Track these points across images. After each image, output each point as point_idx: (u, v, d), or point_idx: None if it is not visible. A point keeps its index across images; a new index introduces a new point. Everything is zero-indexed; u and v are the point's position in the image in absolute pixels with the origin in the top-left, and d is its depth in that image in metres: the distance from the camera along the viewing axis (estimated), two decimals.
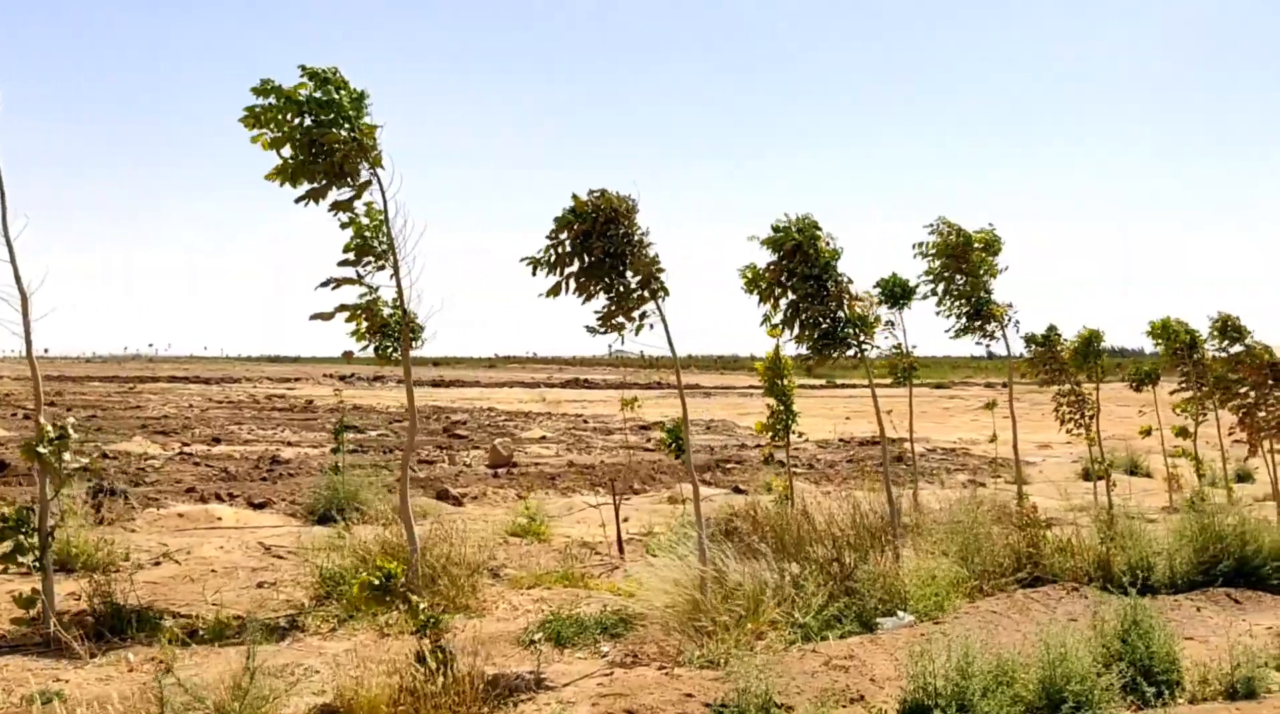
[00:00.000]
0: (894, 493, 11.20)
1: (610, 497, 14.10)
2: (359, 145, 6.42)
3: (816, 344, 7.55)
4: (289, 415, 28.81)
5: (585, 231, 6.10)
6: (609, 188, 6.21)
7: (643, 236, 6.25)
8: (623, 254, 6.11)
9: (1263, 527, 8.58)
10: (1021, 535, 8.48)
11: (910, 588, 6.87)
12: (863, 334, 7.53)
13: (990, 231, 10.92)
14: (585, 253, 6.09)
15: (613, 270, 6.12)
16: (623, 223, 6.14)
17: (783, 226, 7.47)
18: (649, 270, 6.09)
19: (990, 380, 67.37)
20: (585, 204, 6.10)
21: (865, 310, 7.57)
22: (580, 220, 6.11)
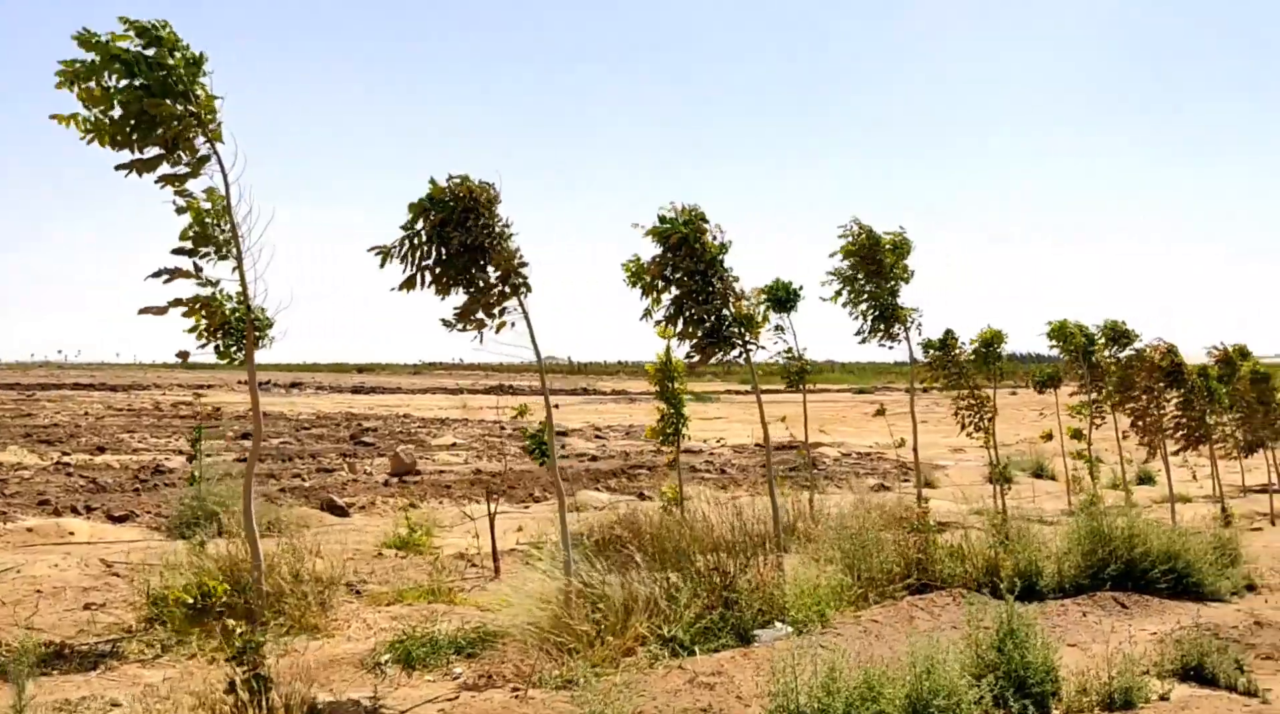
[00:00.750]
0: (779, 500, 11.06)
1: (513, 505, 13.66)
2: (196, 119, 5.87)
3: (700, 343, 7.24)
4: (191, 423, 27.52)
5: (443, 221, 5.67)
6: (470, 175, 5.80)
7: (505, 228, 5.84)
8: (483, 247, 5.70)
9: (1151, 530, 8.56)
10: (911, 541, 8.31)
11: (791, 598, 6.59)
12: (748, 333, 7.24)
13: (900, 233, 10.79)
14: (442, 244, 5.65)
15: (472, 264, 5.70)
16: (483, 213, 5.73)
17: (669, 217, 7.15)
18: (510, 264, 5.69)
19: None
20: (443, 191, 5.68)
21: (751, 309, 7.29)
22: (437, 208, 5.67)
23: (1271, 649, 6.77)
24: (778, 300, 10.41)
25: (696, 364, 7.35)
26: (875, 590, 7.51)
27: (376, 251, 5.65)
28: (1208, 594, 8.47)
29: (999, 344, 10.79)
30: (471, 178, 5.80)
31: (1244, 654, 6.63)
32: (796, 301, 10.49)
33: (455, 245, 5.63)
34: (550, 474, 5.84)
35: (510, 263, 5.68)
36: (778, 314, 10.48)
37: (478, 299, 5.70)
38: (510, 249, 5.74)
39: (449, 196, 5.70)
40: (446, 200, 5.68)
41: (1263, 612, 8.07)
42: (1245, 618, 7.76)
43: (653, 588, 5.95)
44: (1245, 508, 15.25)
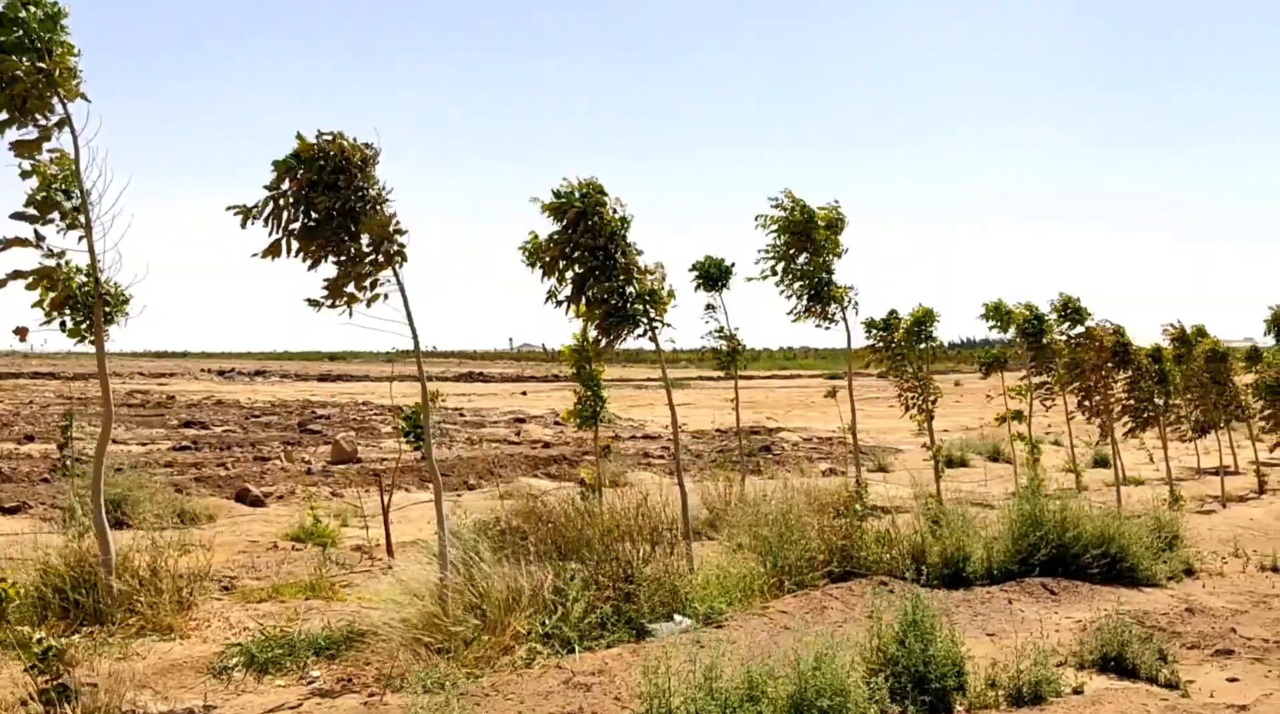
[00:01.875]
0: (715, 487, 10.68)
1: (444, 493, 13.20)
2: (48, 78, 5.36)
3: (604, 323, 6.82)
4: (137, 412, 26.84)
5: (311, 181, 5.20)
6: (346, 132, 5.31)
7: (381, 192, 5.38)
8: (354, 211, 5.24)
9: (1084, 514, 8.25)
10: (836, 527, 7.97)
11: (694, 589, 6.21)
12: (653, 311, 6.83)
13: (835, 208, 10.41)
14: (309, 207, 5.19)
15: (342, 230, 5.24)
16: (357, 174, 5.26)
17: (565, 191, 6.71)
18: (385, 232, 5.23)
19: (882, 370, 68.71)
20: (311, 148, 5.20)
21: (656, 284, 6.88)
22: (305, 167, 5.20)
23: (1199, 638, 6.47)
24: (708, 278, 10.02)
25: (603, 347, 6.93)
26: (792, 579, 7.16)
27: (235, 211, 5.15)
28: (1143, 580, 8.19)
29: (930, 324, 10.44)
30: (347, 135, 5.33)
31: (1169, 643, 6.33)
32: (728, 279, 10.09)
33: (323, 209, 5.16)
34: (425, 460, 5.43)
35: (385, 230, 5.22)
36: (709, 292, 10.08)
37: (349, 270, 5.24)
38: (386, 215, 5.28)
39: (318, 154, 5.23)
40: (315, 159, 5.21)
41: (1198, 597, 7.80)
42: (1178, 604, 7.48)
43: (539, 581, 5.55)
44: (1198, 490, 15.09)
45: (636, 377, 66.66)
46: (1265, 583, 8.48)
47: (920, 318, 10.34)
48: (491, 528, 6.98)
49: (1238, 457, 18.08)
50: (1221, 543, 10.29)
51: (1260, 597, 7.93)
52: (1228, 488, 15.62)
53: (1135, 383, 12.88)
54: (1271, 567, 9.03)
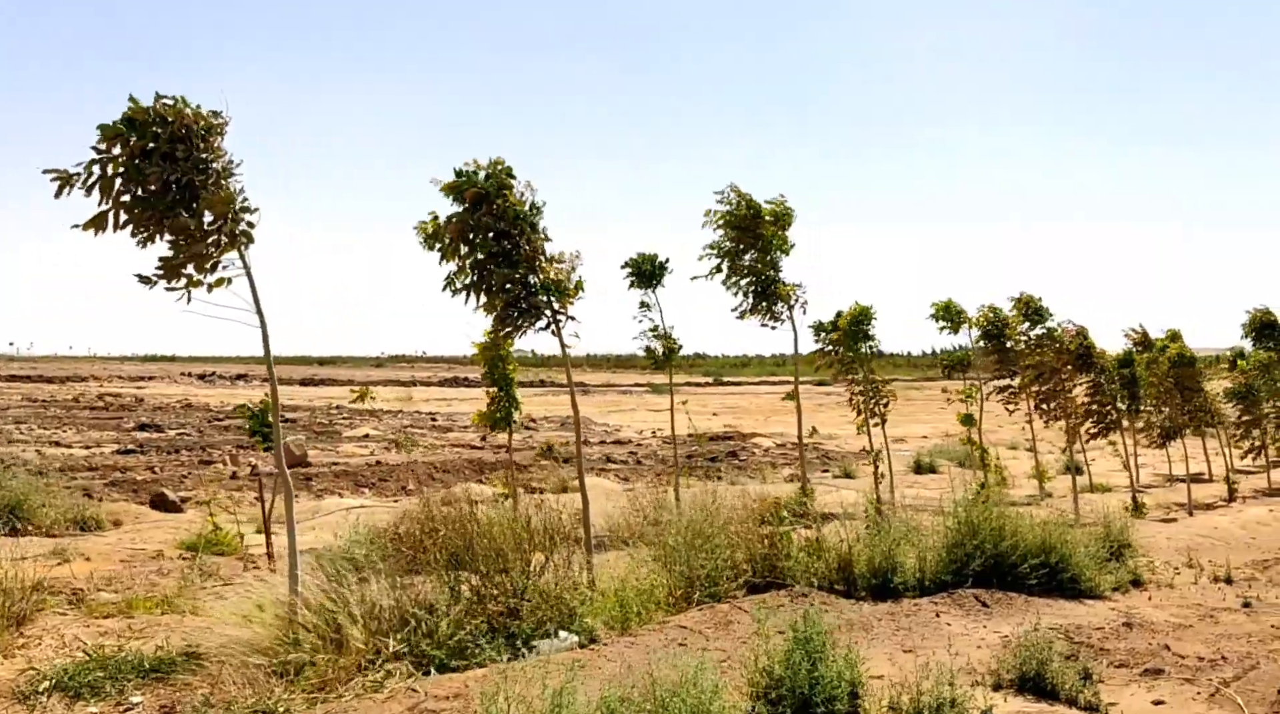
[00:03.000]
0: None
1: (381, 498, 12.75)
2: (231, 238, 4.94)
3: (504, 313, 6.39)
4: (97, 415, 26.34)
5: (144, 149, 4.75)
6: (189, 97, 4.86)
7: (228, 165, 4.94)
8: (193, 185, 4.79)
9: (1023, 522, 7.82)
10: (761, 534, 7.53)
11: (587, 602, 5.77)
12: (557, 302, 6.40)
13: (782, 202, 10.06)
14: (142, 178, 4.74)
15: (179, 204, 4.79)
16: (198, 145, 4.82)
17: (467, 171, 6.29)
18: (227, 209, 4.79)
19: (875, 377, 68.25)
20: (146, 112, 4.75)
21: (563, 275, 6.44)
22: (138, 133, 4.75)
23: (1130, 655, 6.04)
24: (641, 274, 9.61)
25: (503, 338, 6.50)
26: (705, 590, 6.71)
27: (53, 176, 4.68)
28: (1086, 591, 7.76)
29: (867, 323, 10.02)
30: (188, 99, 4.88)
31: (1096, 661, 5.90)
32: (663, 275, 9.69)
33: (156, 180, 4.71)
34: (276, 462, 4.99)
35: (227, 207, 4.78)
36: (643, 290, 9.66)
37: (185, 248, 4.79)
38: (230, 191, 4.84)
39: (154, 120, 4.77)
40: (150, 124, 4.76)
41: (1140, 610, 7.37)
42: (1117, 617, 7.05)
43: (406, 596, 5.10)
44: (1167, 498, 14.68)
45: (623, 382, 66.33)
46: (1215, 595, 8.05)
47: (857, 316, 9.93)
48: (380, 538, 6.53)
49: (1214, 464, 17.67)
50: (1178, 552, 9.88)
51: (1207, 610, 7.50)
52: (1199, 496, 15.22)
53: (1098, 386, 12.47)
54: (1225, 578, 8.60)
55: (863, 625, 6.49)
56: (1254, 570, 9.11)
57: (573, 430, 26.67)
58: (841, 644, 5.22)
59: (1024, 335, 11.71)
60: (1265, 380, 16.30)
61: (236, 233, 4.83)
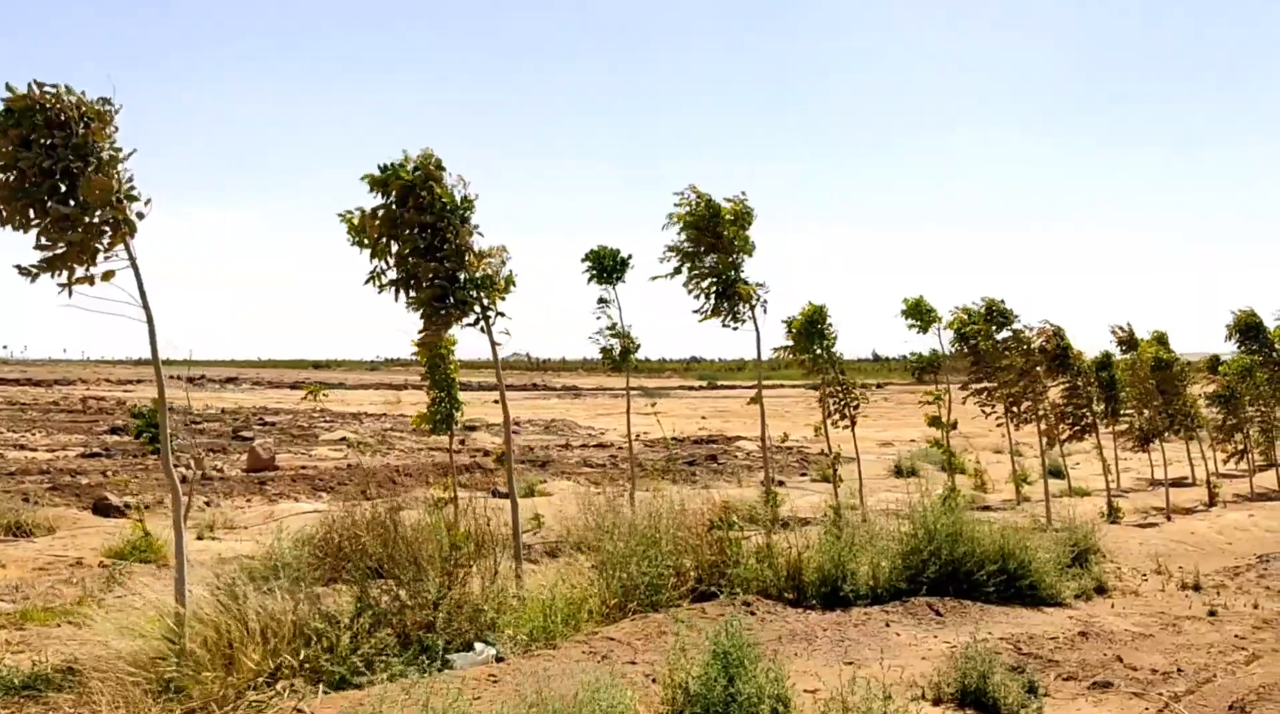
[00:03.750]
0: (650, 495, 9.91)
1: (340, 501, 12.45)
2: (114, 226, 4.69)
3: (430, 308, 6.14)
4: (75, 418, 26.04)
5: (23, 138, 4.50)
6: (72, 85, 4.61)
7: (113, 154, 4.67)
8: (72, 173, 4.53)
9: (980, 528, 7.56)
10: (709, 542, 7.27)
11: (511, 613, 5.50)
12: (486, 297, 6.14)
13: (742, 201, 9.81)
14: (17, 165, 4.48)
15: (57, 192, 4.53)
16: (78, 132, 4.56)
17: (393, 164, 6.05)
18: (107, 198, 4.52)
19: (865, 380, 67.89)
20: (24, 100, 4.49)
21: (493, 269, 6.19)
22: (16, 122, 4.49)
23: (1080, 667, 5.78)
24: (602, 268, 9.34)
25: (428, 335, 6.24)
26: (644, 600, 6.44)
27: None
28: (1046, 599, 7.51)
29: (823, 322, 9.76)
30: (72, 88, 4.63)
31: (1044, 673, 5.65)
32: (624, 271, 9.42)
33: (31, 168, 4.46)
34: (163, 466, 4.72)
35: (108, 196, 4.51)
36: (602, 285, 9.39)
37: (60, 237, 4.52)
38: (111, 180, 4.57)
39: (33, 107, 4.52)
40: (29, 112, 4.50)
41: (1100, 619, 7.11)
42: (1074, 626, 6.80)
43: (304, 608, 4.83)
44: (1147, 502, 14.42)
45: (616, 386, 66.05)
46: (1181, 603, 7.80)
47: (811, 316, 9.67)
48: (304, 546, 6.26)
49: (1199, 468, 17.39)
50: (1149, 558, 9.63)
51: (1171, 619, 7.25)
52: (1181, 500, 14.96)
53: (1074, 388, 12.22)
54: (1193, 585, 8.35)
55: (806, 636, 6.23)
56: (1224, 577, 8.86)
57: (555, 433, 26.17)
58: (777, 656, 4.96)
59: (990, 338, 11.44)
60: (1247, 384, 16.04)
61: (119, 223, 4.56)
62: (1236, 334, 18.15)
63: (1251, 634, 6.81)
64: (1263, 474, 17.05)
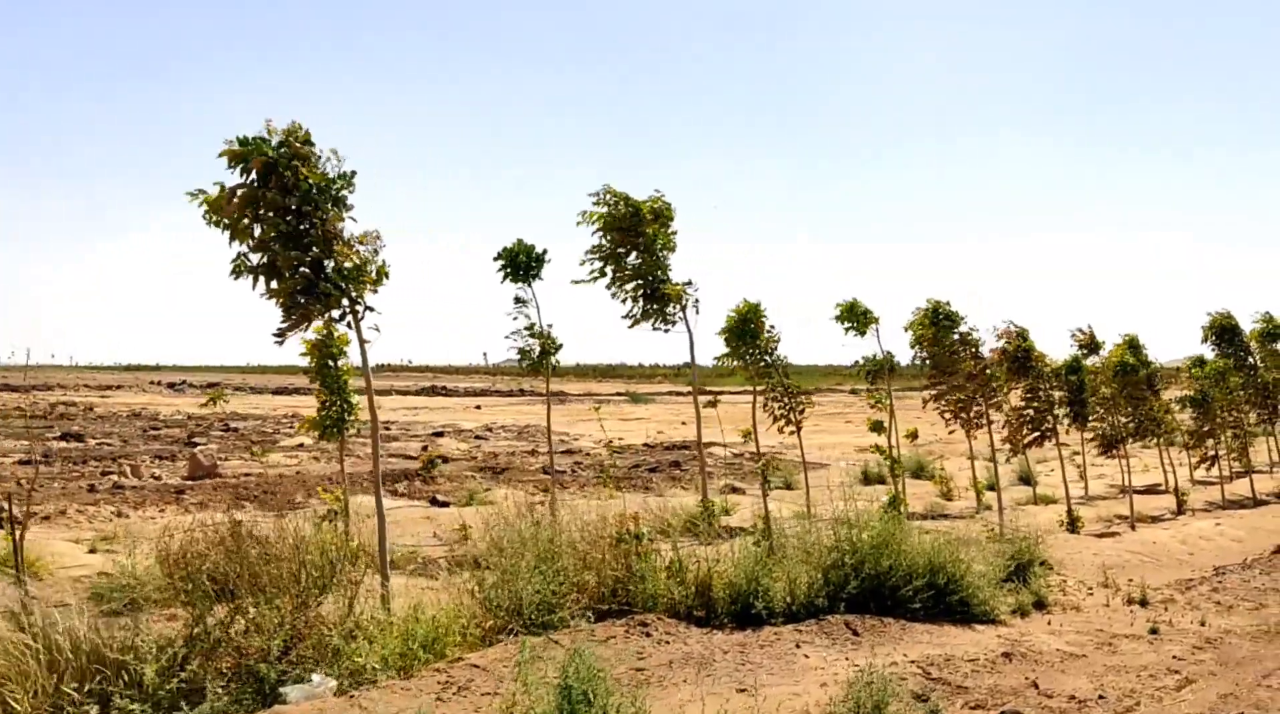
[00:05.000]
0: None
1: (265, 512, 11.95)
2: None
3: (291, 300, 5.66)
4: (32, 424, 25.50)
5: None
6: None
7: None
8: None
9: (910, 540, 7.08)
10: (615, 556, 6.78)
11: (353, 641, 5.01)
12: (354, 290, 5.66)
13: (660, 198, 9.43)
14: None
15: None
16: None
17: (254, 138, 5.57)
18: None
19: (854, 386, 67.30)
20: None
21: (364, 259, 5.72)
22: None
23: (990, 694, 5.30)
24: (516, 266, 8.88)
25: (288, 328, 5.76)
26: (534, 619, 5.95)
27: None
28: (979, 615, 7.03)
29: (757, 320, 9.29)
30: None
31: (950, 701, 5.17)
32: (540, 267, 8.97)
33: None
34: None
35: None
36: (517, 283, 8.93)
37: None
38: None
39: None
40: None
41: (1032, 638, 6.63)
42: (1001, 646, 6.32)
43: (104, 635, 4.34)
44: (1113, 509, 13.96)
45: (605, 391, 65.65)
46: (1123, 619, 7.33)
47: (745, 315, 9.20)
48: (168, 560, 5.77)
49: (1176, 474, 16.91)
50: (1102, 569, 9.15)
51: (1108, 637, 6.78)
52: (1150, 507, 14.50)
53: (1034, 391, 11.77)
54: (1140, 600, 7.88)
55: (702, 660, 5.75)
56: (1175, 591, 8.38)
57: (525, 439, 25.50)
58: (646, 687, 4.48)
59: (937, 343, 10.98)
60: (1221, 388, 15.59)
61: None
62: (1212, 337, 17.74)
63: (1191, 655, 6.33)
64: (1240, 481, 16.61)
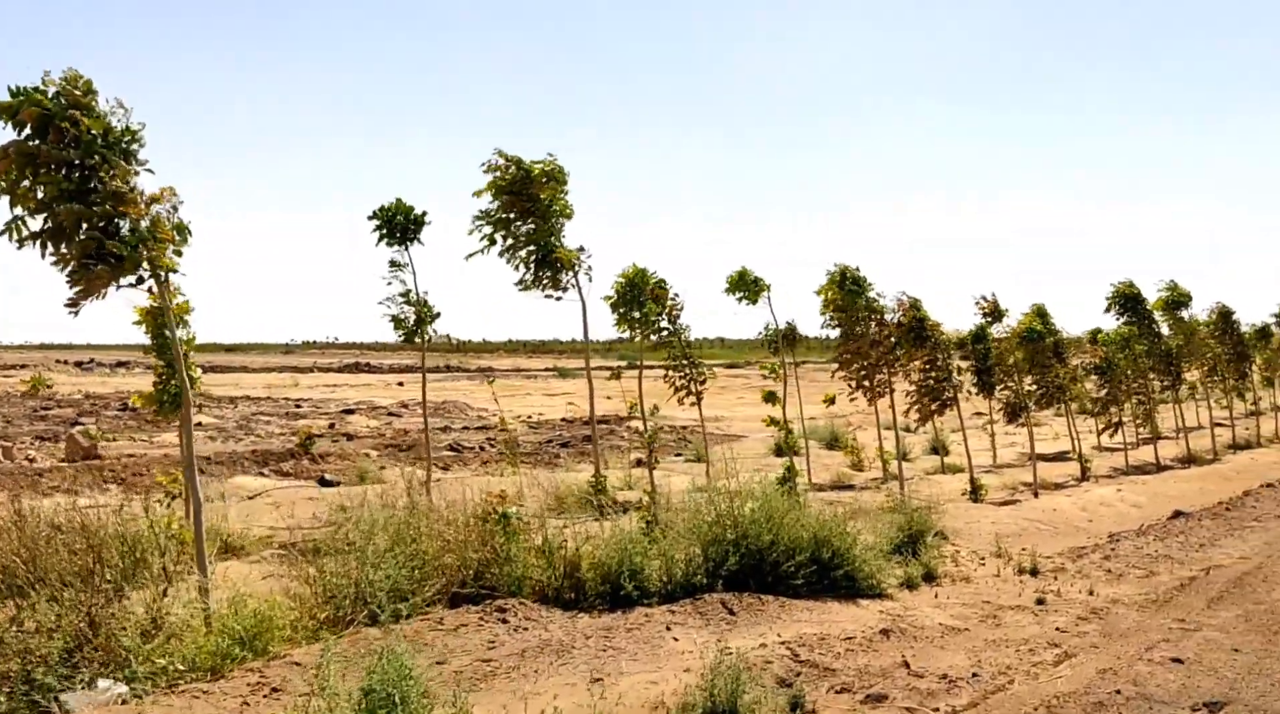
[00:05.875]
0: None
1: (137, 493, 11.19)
2: None
3: (80, 266, 5.02)
4: None
5: None
6: None
7: None
8: None
9: (793, 514, 6.77)
10: (479, 537, 6.32)
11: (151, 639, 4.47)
12: (153, 252, 5.05)
13: (552, 161, 8.95)
14: None
15: None
16: None
17: (27, 89, 4.92)
18: None
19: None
20: None
21: (162, 217, 5.10)
22: None
23: (858, 676, 5.00)
24: (393, 228, 8.30)
25: (78, 297, 5.12)
26: (380, 608, 5.46)
27: None
28: (865, 589, 6.77)
29: (645, 285, 8.89)
30: None
31: (815, 685, 4.86)
32: (419, 231, 8.41)
33: None
34: None
35: None
36: (394, 247, 8.35)
37: None
38: None
39: None
40: None
41: (916, 612, 6.39)
42: (881, 622, 6.05)
43: None
44: (1020, 477, 13.99)
45: (535, 367, 64.97)
46: (1013, 590, 7.15)
47: (632, 279, 8.79)
48: None
49: (1085, 442, 17.06)
50: (999, 538, 9.00)
51: (994, 609, 6.58)
52: (1055, 474, 14.58)
53: (933, 361, 11.61)
54: (1030, 569, 7.73)
55: (561, 647, 5.34)
56: (1067, 560, 8.28)
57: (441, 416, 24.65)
58: (465, 685, 4.04)
59: (842, 309, 10.72)
60: (1126, 355, 15.74)
61: None
62: (1116, 306, 17.93)
63: (1075, 626, 6.16)
64: (1145, 448, 16.88)
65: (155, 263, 5.03)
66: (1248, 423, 20.55)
